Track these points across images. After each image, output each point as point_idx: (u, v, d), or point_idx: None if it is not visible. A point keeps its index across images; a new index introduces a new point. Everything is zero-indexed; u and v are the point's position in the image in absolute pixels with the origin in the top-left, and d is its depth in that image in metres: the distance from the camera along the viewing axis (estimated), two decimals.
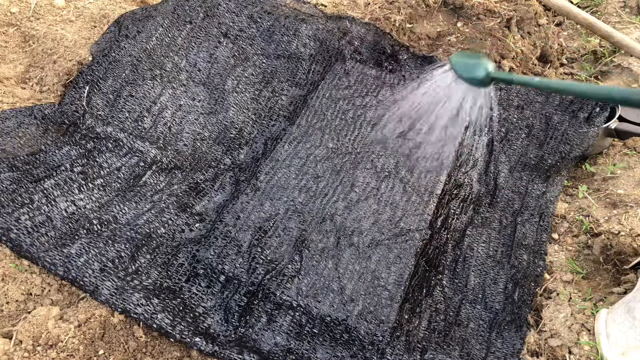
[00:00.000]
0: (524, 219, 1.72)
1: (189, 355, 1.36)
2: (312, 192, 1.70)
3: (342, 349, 1.40)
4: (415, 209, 1.65)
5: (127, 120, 1.84)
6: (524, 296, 1.54)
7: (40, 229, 1.50)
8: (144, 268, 1.50)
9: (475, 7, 2.34)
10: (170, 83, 1.94)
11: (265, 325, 1.43)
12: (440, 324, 1.49)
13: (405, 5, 2.34)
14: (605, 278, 1.56)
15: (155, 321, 1.35)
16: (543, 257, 1.62)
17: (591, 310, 1.44)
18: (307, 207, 1.66)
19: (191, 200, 1.71)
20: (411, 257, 1.54)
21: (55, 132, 1.79)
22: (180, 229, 1.63)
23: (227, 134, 1.91)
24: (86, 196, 1.62)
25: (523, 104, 2.01)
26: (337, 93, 1.99)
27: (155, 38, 1.99)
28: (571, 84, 1.37)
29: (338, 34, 2.16)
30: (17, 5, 2.13)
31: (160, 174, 1.76)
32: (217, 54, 2.05)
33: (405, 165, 1.78)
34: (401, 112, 1.89)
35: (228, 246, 1.56)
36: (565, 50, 2.42)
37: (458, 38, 2.26)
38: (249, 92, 2.02)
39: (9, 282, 1.40)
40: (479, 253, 1.64)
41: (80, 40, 2.02)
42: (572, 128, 1.91)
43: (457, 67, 1.40)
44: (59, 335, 1.29)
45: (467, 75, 1.38)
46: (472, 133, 1.93)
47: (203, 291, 1.48)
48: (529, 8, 2.35)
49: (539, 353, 1.41)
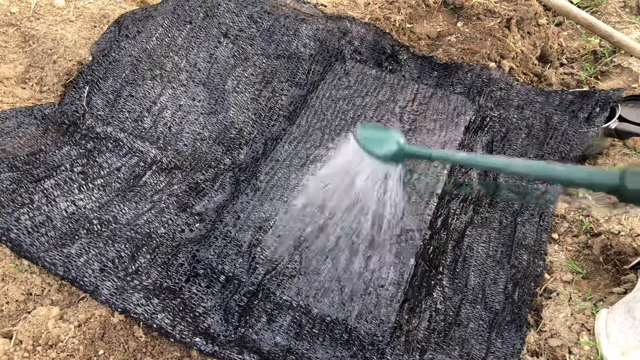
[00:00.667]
0: (524, 219, 1.72)
1: (189, 355, 1.36)
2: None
3: (342, 349, 1.40)
4: (415, 209, 1.65)
5: (127, 120, 1.84)
6: (524, 296, 1.53)
7: (40, 229, 1.50)
8: (144, 268, 1.50)
9: (475, 7, 2.34)
10: (170, 83, 1.94)
11: (265, 325, 1.43)
12: (440, 324, 1.49)
13: (405, 5, 2.34)
14: (605, 278, 1.56)
15: (155, 321, 1.35)
16: (543, 257, 1.62)
17: (591, 310, 1.44)
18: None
19: (191, 200, 1.71)
20: (411, 257, 1.54)
21: (55, 132, 1.79)
22: (180, 229, 1.63)
23: (227, 134, 1.91)
24: (86, 196, 1.62)
25: (523, 104, 2.01)
26: (337, 93, 1.99)
27: (155, 38, 1.99)
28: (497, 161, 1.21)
29: (338, 34, 2.16)
30: (17, 5, 2.13)
31: (160, 174, 1.76)
32: (217, 54, 2.05)
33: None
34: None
35: (228, 246, 1.56)
36: (565, 50, 2.42)
37: (458, 38, 2.26)
38: (249, 92, 2.02)
39: (9, 282, 1.40)
40: (479, 253, 1.64)
41: (80, 40, 2.02)
42: (572, 128, 1.91)
43: (365, 142, 1.21)
44: (59, 335, 1.29)
45: (376, 151, 1.20)
46: (471, 133, 1.94)
47: (203, 291, 1.48)
48: (529, 8, 2.34)
49: (539, 353, 1.41)
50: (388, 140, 1.21)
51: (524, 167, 1.12)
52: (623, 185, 0.98)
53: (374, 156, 1.20)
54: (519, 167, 1.12)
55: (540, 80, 2.19)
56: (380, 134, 1.24)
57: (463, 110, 1.95)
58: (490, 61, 2.17)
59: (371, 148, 1.20)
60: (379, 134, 1.25)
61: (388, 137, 1.22)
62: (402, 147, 1.20)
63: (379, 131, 1.27)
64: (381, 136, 1.23)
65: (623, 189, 0.98)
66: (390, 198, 1.27)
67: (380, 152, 1.20)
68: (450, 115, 1.93)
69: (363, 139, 1.22)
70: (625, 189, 0.98)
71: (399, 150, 1.20)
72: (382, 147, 1.20)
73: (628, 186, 0.97)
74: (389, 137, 1.22)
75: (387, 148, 1.20)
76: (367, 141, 1.21)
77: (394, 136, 1.22)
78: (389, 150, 1.20)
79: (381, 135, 1.24)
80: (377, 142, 1.21)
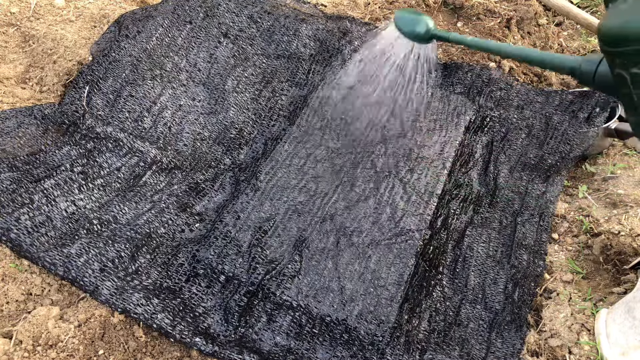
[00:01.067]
0: (524, 219, 1.72)
1: (189, 355, 1.36)
2: (312, 192, 1.70)
3: (342, 349, 1.40)
4: (415, 209, 1.65)
5: (127, 120, 1.84)
6: (524, 296, 1.54)
7: (40, 229, 1.50)
8: (144, 268, 1.50)
9: (475, 7, 2.34)
10: (170, 83, 1.94)
11: (265, 325, 1.43)
12: (440, 324, 1.49)
13: (405, 5, 2.34)
14: (605, 278, 1.56)
15: (155, 321, 1.35)
16: (543, 257, 1.62)
17: (591, 310, 1.44)
18: (307, 207, 1.66)
19: (191, 200, 1.71)
20: (411, 257, 1.54)
21: (55, 132, 1.79)
22: (180, 229, 1.63)
23: (227, 134, 1.91)
24: (86, 196, 1.62)
25: (523, 104, 2.01)
26: (337, 93, 1.98)
27: (155, 38, 1.99)
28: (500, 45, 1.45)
29: (338, 34, 2.16)
30: (17, 5, 2.13)
31: (160, 174, 1.76)
32: (217, 54, 2.05)
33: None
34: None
35: (228, 246, 1.56)
36: (565, 50, 2.42)
37: None
38: (249, 92, 2.02)
39: (9, 282, 1.40)
40: (479, 253, 1.64)
41: (80, 40, 2.02)
42: (572, 128, 1.91)
43: (400, 23, 1.47)
44: (59, 335, 1.29)
45: (408, 30, 1.46)
46: (472, 133, 1.94)
47: (203, 291, 1.48)
48: (529, 8, 2.35)
49: (539, 353, 1.41)
50: (419, 22, 1.46)
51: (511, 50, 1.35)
52: (578, 68, 1.15)
53: (406, 34, 1.47)
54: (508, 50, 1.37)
55: (540, 80, 2.19)
56: (413, 17, 1.48)
57: (463, 110, 1.95)
58: (490, 61, 2.17)
59: (404, 27, 1.47)
60: (413, 17, 1.49)
61: (419, 20, 1.46)
62: (429, 29, 1.44)
63: (413, 15, 1.51)
64: (414, 18, 1.47)
65: (578, 70, 1.15)
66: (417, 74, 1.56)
67: (412, 31, 1.46)
68: (450, 115, 1.93)
69: (399, 20, 1.48)
70: (580, 70, 1.15)
71: (427, 31, 1.44)
72: (415, 27, 1.46)
73: (582, 67, 1.14)
74: (420, 20, 1.46)
75: (418, 28, 1.45)
76: (402, 21, 1.48)
77: (424, 20, 1.46)
78: (420, 30, 1.45)
79: (414, 18, 1.48)
80: (410, 23, 1.47)
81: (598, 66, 1.11)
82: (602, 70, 1.10)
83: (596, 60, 1.12)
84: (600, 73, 1.11)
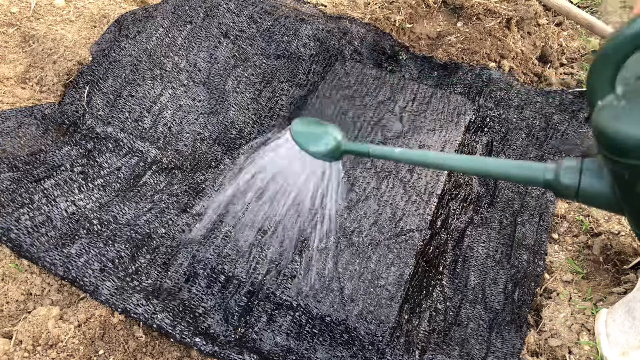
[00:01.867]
0: (524, 219, 1.72)
1: (189, 355, 1.36)
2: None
3: (342, 349, 1.40)
4: (415, 209, 1.65)
5: (127, 121, 1.84)
6: (524, 296, 1.54)
7: (40, 229, 1.50)
8: (144, 268, 1.50)
9: (475, 7, 2.34)
10: (171, 83, 1.94)
11: (265, 325, 1.43)
12: (440, 324, 1.49)
13: (405, 5, 2.34)
14: (605, 278, 1.56)
15: (155, 321, 1.35)
16: (543, 257, 1.62)
17: (591, 310, 1.44)
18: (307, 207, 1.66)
19: (191, 200, 1.71)
20: (411, 257, 1.54)
21: (55, 132, 1.79)
22: (180, 229, 1.63)
23: (228, 134, 1.91)
24: (86, 196, 1.62)
25: (523, 104, 2.01)
26: (337, 93, 1.99)
27: (156, 38, 1.99)
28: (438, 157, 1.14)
29: (338, 34, 2.16)
30: (17, 5, 2.13)
31: (160, 174, 1.76)
32: (217, 54, 2.06)
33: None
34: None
35: (228, 246, 1.56)
36: (565, 50, 2.43)
37: (458, 38, 2.26)
38: (249, 92, 2.02)
39: (9, 282, 1.40)
40: (479, 253, 1.64)
41: (80, 40, 2.02)
42: (572, 128, 1.91)
43: (300, 139, 1.13)
44: (59, 335, 1.29)
45: (313, 150, 1.12)
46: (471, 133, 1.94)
47: (203, 291, 1.48)
48: (529, 8, 2.35)
49: (539, 353, 1.41)
50: (325, 136, 1.13)
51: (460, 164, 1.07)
52: (555, 181, 0.90)
53: (310, 153, 1.13)
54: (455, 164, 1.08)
55: (540, 80, 2.19)
56: (317, 130, 1.16)
57: (463, 110, 1.95)
58: (490, 61, 2.17)
59: (306, 145, 1.13)
60: (316, 130, 1.16)
61: (325, 133, 1.14)
62: (339, 144, 1.13)
63: (316, 126, 1.18)
64: (318, 132, 1.15)
65: (555, 183, 0.90)
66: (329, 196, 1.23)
67: (316, 149, 1.13)
68: (450, 115, 1.93)
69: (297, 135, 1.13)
70: (558, 183, 0.89)
71: (336, 146, 1.12)
72: (319, 144, 1.13)
73: (562, 181, 0.89)
74: (326, 134, 1.14)
75: (324, 145, 1.12)
76: (302, 137, 1.13)
77: (331, 132, 1.14)
78: (326, 147, 1.12)
79: (317, 131, 1.15)
80: (313, 139, 1.13)
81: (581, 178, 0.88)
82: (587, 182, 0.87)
83: (577, 168, 0.89)
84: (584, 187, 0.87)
